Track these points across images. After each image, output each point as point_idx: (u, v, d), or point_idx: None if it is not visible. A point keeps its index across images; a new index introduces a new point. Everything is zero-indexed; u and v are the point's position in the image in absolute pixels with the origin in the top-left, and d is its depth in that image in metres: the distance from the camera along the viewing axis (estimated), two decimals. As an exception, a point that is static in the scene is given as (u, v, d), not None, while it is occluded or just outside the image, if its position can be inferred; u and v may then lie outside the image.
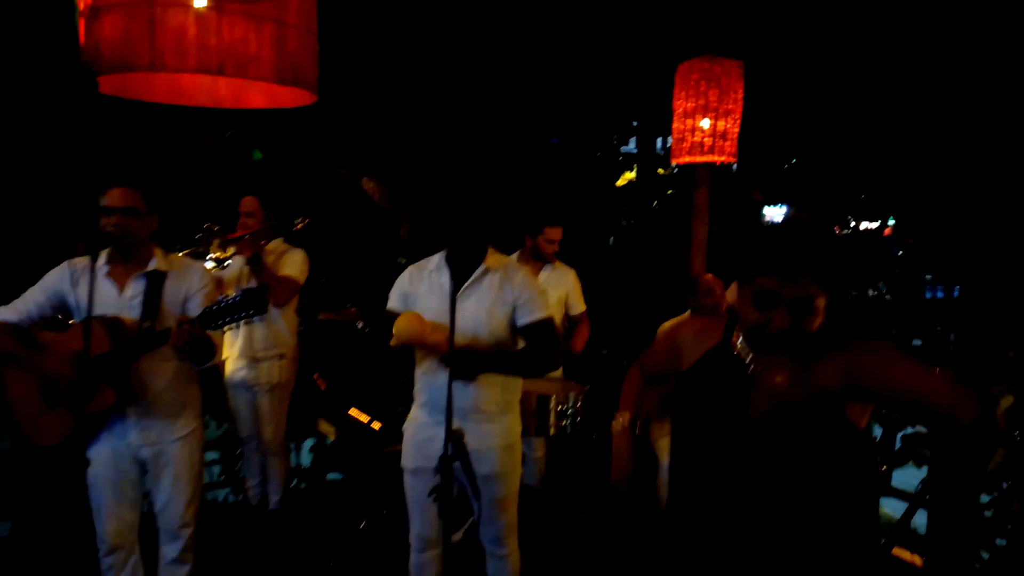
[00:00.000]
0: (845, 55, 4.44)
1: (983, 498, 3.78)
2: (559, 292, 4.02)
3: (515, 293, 2.50)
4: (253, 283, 3.39)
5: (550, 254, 4.00)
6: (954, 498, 1.52)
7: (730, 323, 1.74)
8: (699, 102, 3.65)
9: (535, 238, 3.97)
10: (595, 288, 4.23)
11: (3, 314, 2.50)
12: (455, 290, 2.33)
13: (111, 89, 2.32)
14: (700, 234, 4.74)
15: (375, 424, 3.72)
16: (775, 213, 7.21)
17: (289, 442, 3.96)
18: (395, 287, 2.63)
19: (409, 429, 2.64)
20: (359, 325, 3.70)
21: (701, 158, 3.77)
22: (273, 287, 3.34)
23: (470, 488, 2.32)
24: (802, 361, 1.59)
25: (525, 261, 3.97)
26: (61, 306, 2.52)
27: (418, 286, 2.56)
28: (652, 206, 6.64)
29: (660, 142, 6.72)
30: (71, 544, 3.00)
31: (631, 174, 6.93)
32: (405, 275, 2.63)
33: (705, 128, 3.68)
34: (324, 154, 4.98)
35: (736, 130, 3.72)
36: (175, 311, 2.48)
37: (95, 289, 2.22)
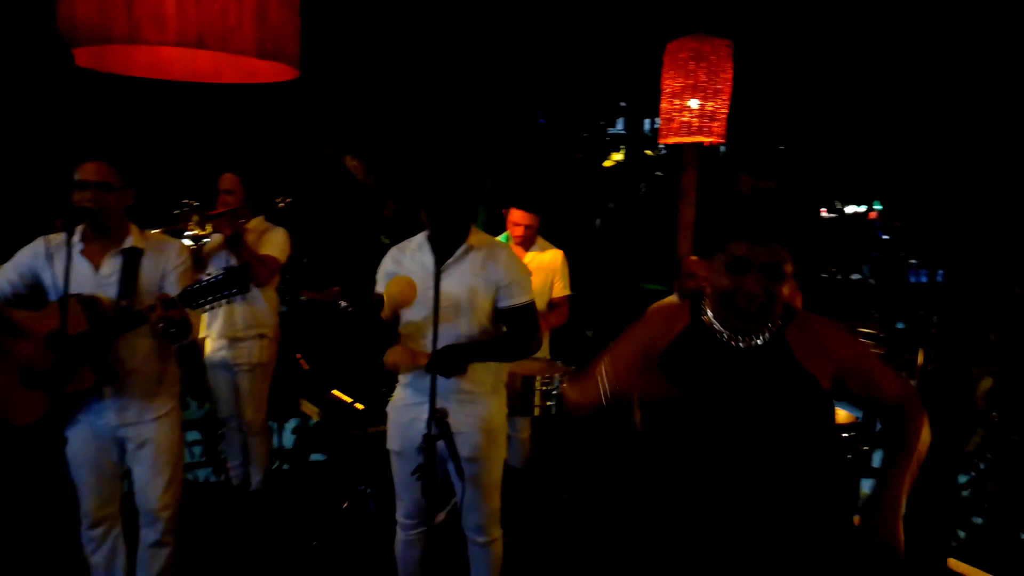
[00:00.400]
0: (835, 38, 4.42)
1: (960, 478, 3.84)
2: (545, 275, 4.00)
3: (499, 273, 2.47)
4: (233, 261, 3.34)
5: (521, 238, 3.91)
6: (891, 478, 1.62)
7: (695, 304, 1.76)
8: (688, 82, 3.61)
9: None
10: (581, 270, 4.21)
11: (-25, 293, 2.44)
12: (438, 267, 2.30)
13: (87, 62, 2.25)
14: (687, 216, 4.72)
15: (358, 404, 3.70)
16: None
17: (272, 423, 3.93)
18: (380, 270, 2.60)
19: (393, 411, 2.62)
20: (342, 305, 3.66)
21: (689, 138, 3.74)
22: (254, 266, 3.29)
23: (454, 467, 2.30)
24: (776, 329, 1.66)
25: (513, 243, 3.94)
26: (35, 284, 2.46)
27: (400, 266, 2.53)
28: (640, 188, 6.63)
29: (648, 123, 6.69)
30: (51, 522, 2.98)
31: (619, 155, 6.91)
32: (388, 257, 2.59)
33: (694, 108, 3.64)
34: (306, 131, 4.90)
35: (725, 111, 3.69)
36: (152, 289, 2.44)
37: (70, 267, 2.18)
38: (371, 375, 3.56)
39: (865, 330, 4.04)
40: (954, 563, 3.44)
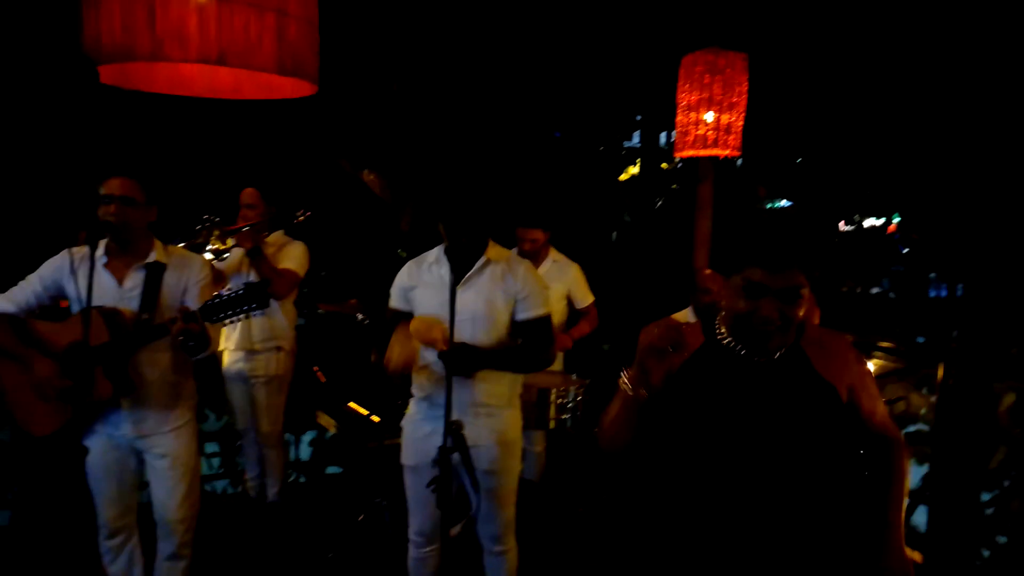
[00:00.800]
0: (851, 50, 4.41)
1: (984, 496, 3.77)
2: (560, 287, 3.99)
3: (518, 286, 2.48)
4: (253, 275, 3.37)
5: (532, 252, 3.88)
6: (884, 514, 1.78)
7: (707, 322, 1.76)
8: (703, 95, 3.62)
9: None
10: (598, 283, 4.21)
11: (1, 305, 2.49)
12: (455, 282, 2.31)
13: (111, 79, 2.30)
14: (703, 229, 4.70)
15: (375, 417, 3.71)
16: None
17: (288, 435, 3.95)
18: (395, 284, 2.60)
19: (408, 425, 2.62)
20: (359, 317, 3.68)
21: (705, 152, 3.74)
22: (273, 280, 3.32)
23: (469, 480, 2.30)
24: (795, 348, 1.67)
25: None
26: (59, 294, 2.50)
27: (417, 280, 2.54)
28: (655, 202, 6.62)
29: (664, 136, 6.69)
30: (70, 532, 3.01)
31: (635, 168, 6.91)
32: (403, 271, 2.60)
33: (709, 121, 3.65)
34: (324, 146, 4.96)
35: (740, 124, 3.69)
36: (174, 303, 2.46)
37: (94, 280, 2.21)
38: (388, 388, 3.57)
39: (884, 344, 3.99)
40: (978, 582, 3.37)
